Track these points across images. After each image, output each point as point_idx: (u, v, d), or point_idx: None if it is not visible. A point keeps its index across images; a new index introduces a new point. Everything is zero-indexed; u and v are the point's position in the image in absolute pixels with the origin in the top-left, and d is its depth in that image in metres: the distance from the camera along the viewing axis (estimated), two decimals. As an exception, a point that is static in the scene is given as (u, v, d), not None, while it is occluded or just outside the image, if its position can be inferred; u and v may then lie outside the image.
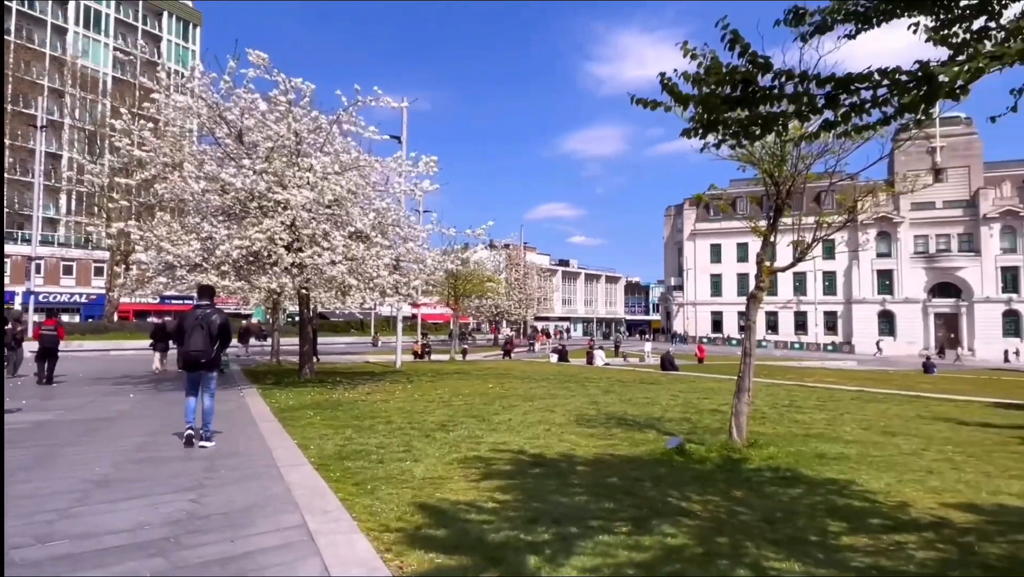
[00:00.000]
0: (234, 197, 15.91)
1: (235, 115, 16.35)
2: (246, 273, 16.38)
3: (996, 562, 5.02)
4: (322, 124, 16.73)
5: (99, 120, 56.04)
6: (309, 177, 15.46)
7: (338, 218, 16.20)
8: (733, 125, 4.06)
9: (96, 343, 38.18)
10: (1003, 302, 65.51)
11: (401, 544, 4.90)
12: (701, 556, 4.86)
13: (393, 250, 17.43)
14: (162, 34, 76.49)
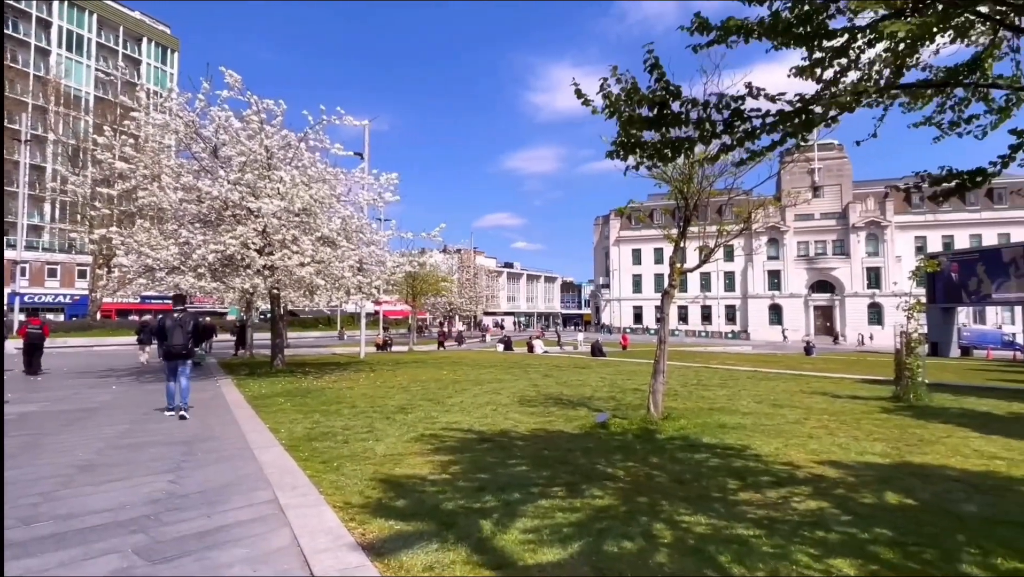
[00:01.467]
0: (209, 206, 15.34)
1: (210, 132, 15.76)
2: (221, 275, 15.79)
3: (862, 509, 5.28)
4: (291, 141, 16.28)
5: (81, 135, 53.30)
6: (279, 188, 15.04)
7: (306, 225, 15.79)
8: (649, 148, 4.15)
9: (80, 340, 36.09)
10: (868, 296, 68.86)
11: (364, 514, 4.82)
12: (625, 514, 4.95)
13: (357, 253, 17.06)
14: (141, 58, 72.63)
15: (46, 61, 62.34)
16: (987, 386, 17.45)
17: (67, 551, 4.12)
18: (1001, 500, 5.66)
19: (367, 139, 24.41)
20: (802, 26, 3.69)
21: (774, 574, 3.81)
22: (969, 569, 3.98)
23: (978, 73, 4.03)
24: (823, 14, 3.70)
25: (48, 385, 14.26)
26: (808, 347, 39.47)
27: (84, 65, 66.03)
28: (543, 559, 3.97)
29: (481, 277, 74.64)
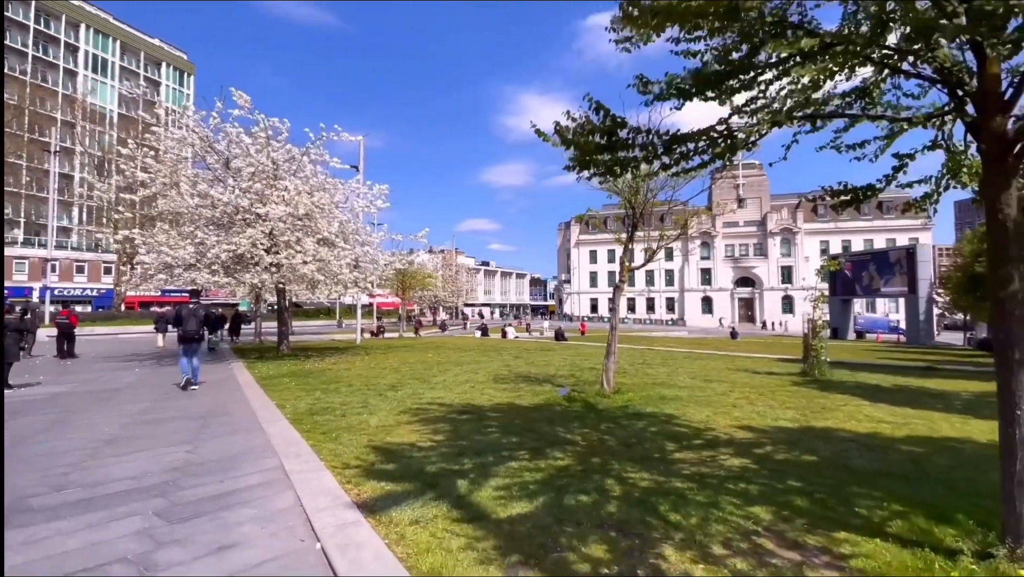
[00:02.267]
0: (222, 211, 14.88)
1: (223, 146, 15.29)
2: (233, 271, 15.34)
3: (776, 465, 5.44)
4: (295, 155, 15.90)
5: (106, 147, 51.24)
6: (285, 196, 14.70)
7: (308, 228, 15.42)
8: (601, 165, 4.19)
9: (106, 328, 34.71)
10: (782, 290, 70.55)
11: (359, 477, 4.77)
12: (581, 472, 5.00)
13: (353, 253, 16.76)
14: (161, 80, 69.79)
15: (74, 81, 59.49)
16: (876, 364, 18.09)
17: (94, 514, 3.99)
18: (886, 456, 5.90)
19: (362, 153, 24.03)
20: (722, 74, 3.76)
21: (705, 519, 3.91)
22: (860, 511, 4.15)
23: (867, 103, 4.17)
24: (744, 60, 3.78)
25: (76, 368, 13.72)
26: (733, 332, 40.29)
27: (108, 85, 63.23)
28: (513, 512, 3.99)
29: (462, 274, 74.37)
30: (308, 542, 3.55)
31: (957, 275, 31.17)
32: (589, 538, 3.56)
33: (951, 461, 5.71)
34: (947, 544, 3.45)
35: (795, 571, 3.18)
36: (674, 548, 3.44)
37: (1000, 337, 3.35)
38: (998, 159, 3.33)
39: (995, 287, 3.38)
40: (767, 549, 3.46)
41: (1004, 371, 3.28)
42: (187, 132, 15.66)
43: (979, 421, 7.79)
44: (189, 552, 3.41)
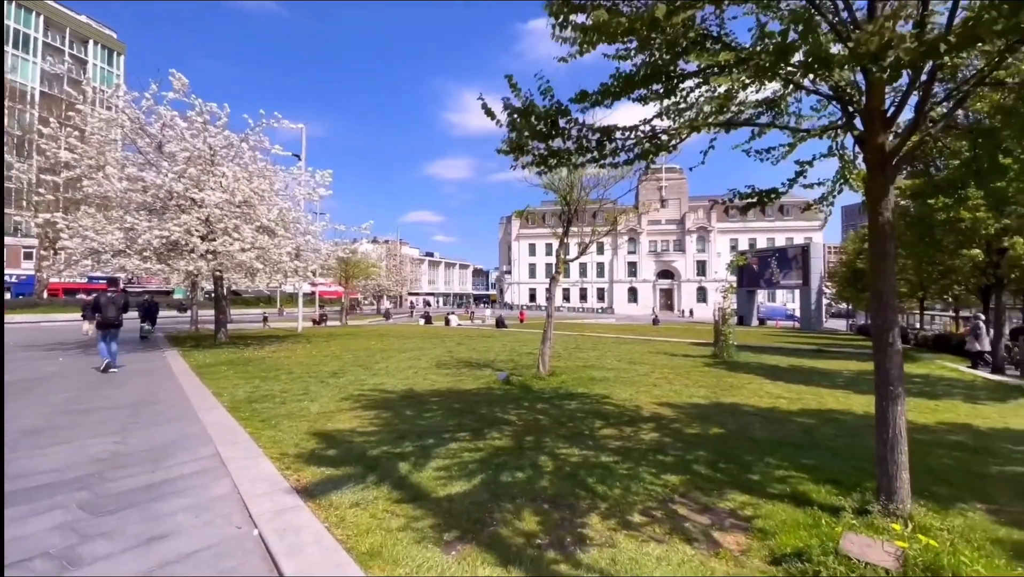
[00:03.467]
0: (154, 195, 13.54)
1: (155, 129, 13.91)
2: (166, 258, 14.07)
3: (689, 438, 5.69)
4: (233, 141, 14.74)
5: (27, 127, 45.62)
6: (222, 182, 13.63)
7: (247, 215, 14.35)
8: (536, 155, 4.16)
9: (27, 316, 31.17)
10: (697, 281, 74.40)
11: (298, 463, 4.53)
12: (516, 450, 5.02)
13: (294, 241, 15.83)
14: (88, 58, 62.87)
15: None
16: (776, 347, 19.46)
17: (15, 508, 3.56)
18: (782, 427, 6.33)
19: (304, 141, 22.55)
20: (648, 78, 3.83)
21: (627, 489, 4.02)
22: (761, 476, 4.42)
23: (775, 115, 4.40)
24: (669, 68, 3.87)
25: (-8, 359, 12.19)
26: (655, 319, 42.04)
27: (30, 62, 56.19)
28: (452, 491, 3.93)
29: (406, 264, 72.61)
30: (245, 529, 3.34)
31: (842, 270, 34.14)
32: (523, 512, 3.57)
33: (835, 430, 6.21)
34: (832, 503, 3.74)
35: (705, 533, 3.34)
36: (600, 517, 3.52)
37: (877, 323, 3.65)
38: (879, 169, 3.60)
39: (873, 280, 3.67)
40: (682, 514, 3.61)
41: (880, 353, 3.58)
42: (116, 113, 14.16)
43: (858, 396, 8.55)
44: (116, 544, 3.12)
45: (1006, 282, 13.70)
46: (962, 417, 7.12)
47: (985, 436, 6.12)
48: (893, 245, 3.63)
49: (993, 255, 12.98)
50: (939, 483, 4.33)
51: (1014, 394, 9.31)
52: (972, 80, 3.63)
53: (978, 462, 5.03)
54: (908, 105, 3.60)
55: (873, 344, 3.66)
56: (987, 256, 13.02)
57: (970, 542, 3.11)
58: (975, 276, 14.67)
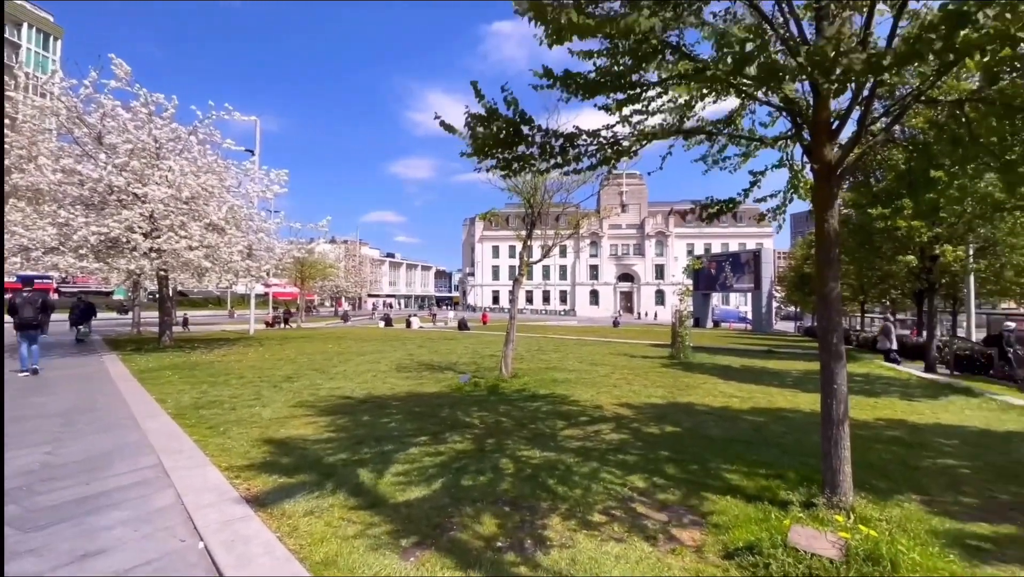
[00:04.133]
0: (92, 189, 12.65)
1: (95, 119, 13.03)
2: (105, 256, 13.18)
3: (648, 437, 5.80)
4: (181, 134, 13.95)
5: (-52, 112, 41.91)
6: (168, 176, 12.90)
7: (195, 212, 13.62)
8: (500, 160, 4.15)
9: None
10: (656, 285, 76.35)
11: (249, 471, 4.33)
12: (478, 452, 4.97)
13: (245, 240, 15.11)
14: (21, 42, 58.70)
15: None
16: (729, 348, 20.16)
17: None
18: (735, 425, 6.55)
19: (258, 135, 21.52)
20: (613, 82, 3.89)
21: (587, 489, 4.05)
22: (716, 473, 4.55)
23: (732, 128, 4.56)
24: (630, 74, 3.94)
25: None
26: (615, 321, 42.83)
27: (-49, 42, 51.89)
28: (411, 496, 3.85)
29: (366, 265, 70.86)
30: (190, 541, 3.15)
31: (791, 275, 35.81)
32: (483, 515, 3.53)
33: (784, 428, 6.48)
34: (781, 497, 3.88)
35: (663, 530, 3.40)
36: (560, 518, 3.52)
37: (823, 325, 3.82)
38: (825, 179, 3.78)
39: (819, 284, 3.85)
40: (640, 513, 3.67)
41: (825, 353, 3.75)
42: (51, 100, 13.21)
43: (805, 394, 8.95)
44: (47, 562, 2.88)
45: (937, 287, 14.70)
46: (899, 413, 7.56)
47: (919, 431, 6.52)
48: (837, 251, 3.81)
49: (926, 261, 13.89)
50: (878, 476, 4.58)
51: (944, 391, 9.98)
52: (908, 97, 3.86)
53: (913, 456, 5.34)
54: (851, 119, 3.80)
55: (819, 345, 3.83)
56: (921, 262, 13.92)
57: (906, 531, 3.29)
58: (910, 281, 15.65)
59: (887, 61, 2.64)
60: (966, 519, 3.73)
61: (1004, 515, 3.83)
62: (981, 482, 4.56)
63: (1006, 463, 5.17)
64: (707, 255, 52.41)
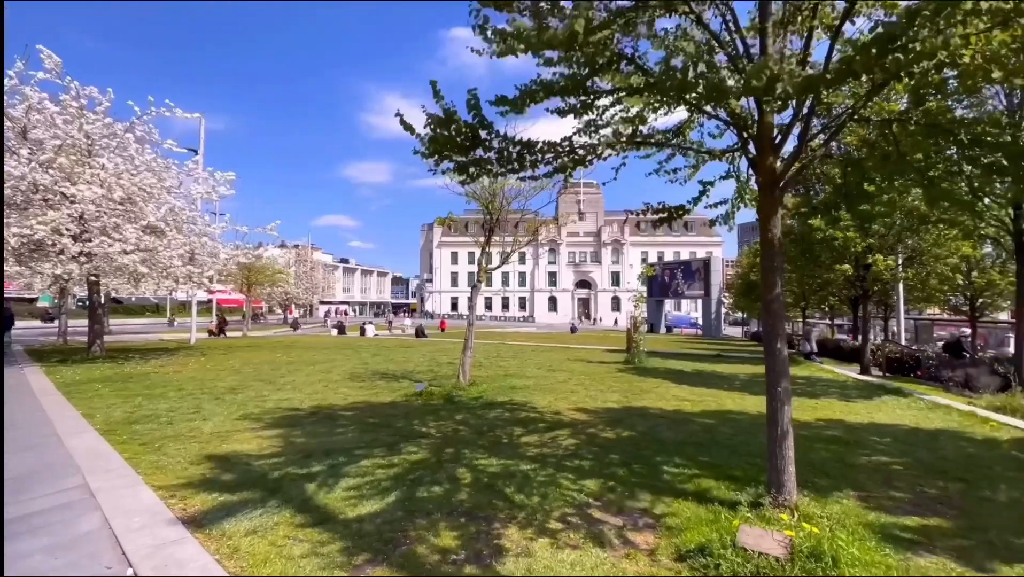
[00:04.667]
0: (15, 187, 11.68)
1: (20, 112, 12.03)
2: (27, 260, 12.16)
3: (603, 441, 5.87)
4: (116, 130, 13.07)
5: None
6: (101, 175, 12.05)
7: (131, 213, 12.77)
8: (456, 165, 4.12)
9: None
10: (612, 291, 78.01)
11: (186, 490, 4.06)
12: (434, 463, 4.87)
13: (187, 243, 14.28)
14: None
15: None
16: (681, 352, 20.80)
17: None
18: (686, 428, 6.73)
19: (202, 134, 20.29)
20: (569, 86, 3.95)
21: (545, 496, 4.04)
22: (668, 476, 4.64)
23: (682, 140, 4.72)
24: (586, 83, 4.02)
25: None
26: (573, 327, 43.40)
27: None
28: (363, 511, 3.72)
29: (318, 270, 68.26)
30: (117, 569, 2.91)
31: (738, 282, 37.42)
32: (439, 527, 3.45)
33: (733, 429, 6.71)
34: (730, 498, 4.00)
35: (619, 534, 3.42)
36: (518, 527, 3.49)
37: (767, 331, 3.98)
38: (769, 190, 3.96)
39: (763, 291, 4.01)
40: (596, 518, 3.68)
41: (769, 357, 3.91)
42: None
43: (752, 397, 9.32)
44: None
45: (870, 293, 15.74)
46: (837, 414, 8.00)
47: (856, 430, 6.91)
48: (781, 260, 4.00)
49: (860, 270, 14.84)
50: (819, 474, 4.80)
51: (878, 392, 10.65)
52: (843, 116, 4.11)
53: (850, 454, 5.65)
54: (793, 135, 4.00)
55: (764, 350, 3.99)
56: (855, 271, 14.86)
57: (845, 527, 3.46)
58: (846, 288, 16.68)
59: (824, 80, 2.79)
60: (899, 513, 3.96)
61: (933, 509, 4.10)
62: (912, 477, 4.87)
63: (933, 459, 5.55)
64: (660, 263, 54.14)
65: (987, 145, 3.87)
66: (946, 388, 11.56)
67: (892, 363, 14.95)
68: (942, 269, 15.38)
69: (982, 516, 3.95)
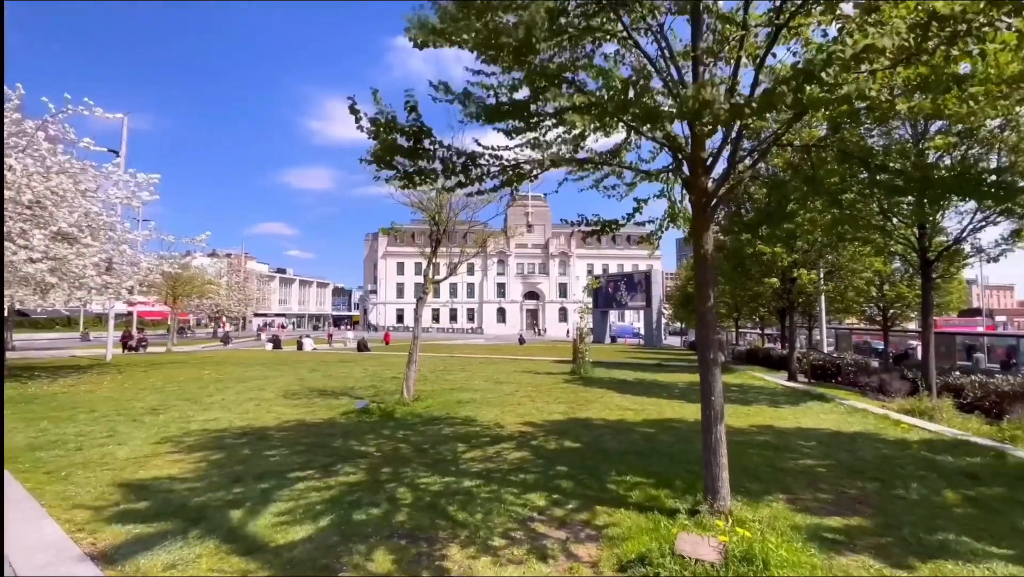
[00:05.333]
0: None
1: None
2: (-88, 269, 10.79)
3: (549, 454, 5.90)
4: (26, 128, 11.94)
5: None
6: (7, 176, 10.93)
7: (40, 218, 11.64)
8: (401, 172, 4.07)
9: None
10: (559, 303, 79.34)
11: (96, 522, 3.71)
12: (373, 484, 4.70)
13: (104, 252, 13.11)
14: None
15: None
16: (624, 362, 21.37)
17: None
18: (628, 438, 6.89)
19: (124, 134, 18.73)
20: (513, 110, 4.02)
21: (488, 513, 3.99)
22: (611, 486, 4.72)
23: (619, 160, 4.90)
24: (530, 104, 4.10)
25: None
26: (521, 338, 43.67)
27: None
28: (294, 537, 3.52)
29: (252, 281, 64.50)
30: (4, 620, 2.59)
31: (677, 294, 39.14)
32: (377, 551, 3.32)
33: (673, 437, 6.94)
34: (670, 506, 4.11)
35: (562, 548, 3.43)
36: (460, 546, 3.42)
37: (701, 342, 4.17)
38: (701, 209, 4.17)
39: (697, 303, 4.21)
40: (540, 532, 3.68)
41: (703, 367, 4.09)
42: None
43: (691, 404, 9.68)
44: None
45: (796, 305, 16.90)
46: (767, 420, 8.46)
47: (784, 435, 7.33)
48: (713, 274, 4.20)
49: (787, 283, 15.91)
50: (752, 479, 5.05)
51: (804, 398, 11.37)
52: (768, 140, 4.41)
53: (779, 458, 5.98)
54: (723, 157, 4.24)
55: (698, 360, 4.17)
56: (782, 284, 15.92)
57: (775, 529, 3.64)
58: (774, 300, 17.82)
59: (747, 111, 2.99)
60: (823, 514, 4.22)
61: (853, 508, 4.39)
62: (834, 479, 5.21)
63: (853, 461, 5.97)
64: (605, 275, 55.69)
65: (892, 171, 4.28)
66: (863, 392, 12.53)
67: (816, 370, 16.06)
68: (858, 283, 16.78)
69: (896, 514, 4.27)
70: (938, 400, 9.39)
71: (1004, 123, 8.69)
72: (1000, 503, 4.55)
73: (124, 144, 19.00)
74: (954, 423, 8.32)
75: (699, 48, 3.96)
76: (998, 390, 9.50)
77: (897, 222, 10.08)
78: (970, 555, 3.46)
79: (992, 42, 2.82)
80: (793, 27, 3.75)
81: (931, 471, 5.54)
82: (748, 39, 3.96)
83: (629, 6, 3.91)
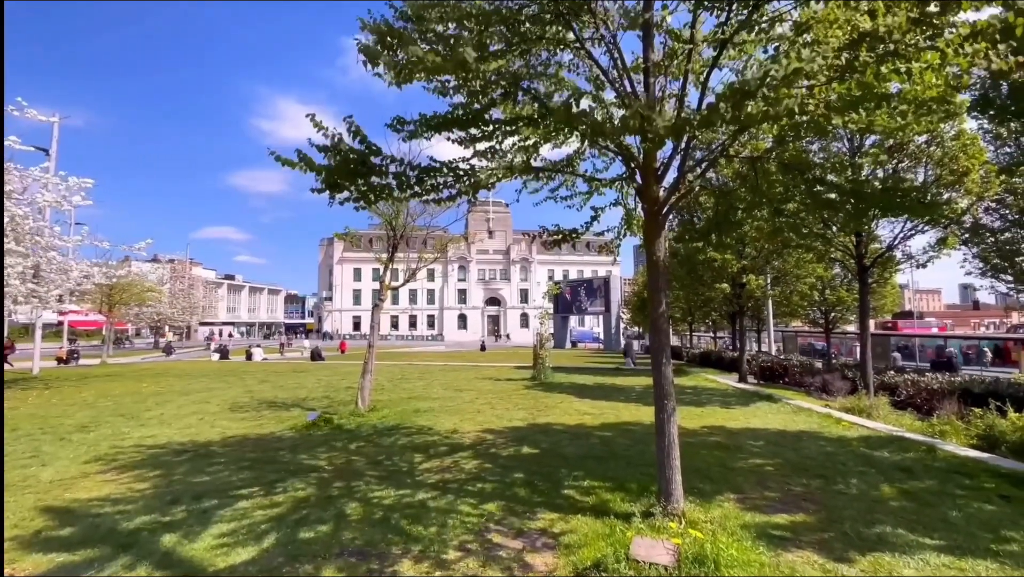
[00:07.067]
0: None
1: None
2: None
3: (507, 461, 5.86)
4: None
5: None
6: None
7: (-46, 223, 10.69)
8: (355, 191, 3.98)
9: None
10: (520, 308, 79.67)
11: (15, 552, 3.41)
12: (324, 500, 4.53)
13: (29, 258, 12.20)
14: None
15: None
16: (584, 367, 21.65)
17: None
18: (587, 442, 6.94)
19: (55, 133, 17.52)
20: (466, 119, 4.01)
21: (443, 526, 3.91)
22: (568, 492, 4.72)
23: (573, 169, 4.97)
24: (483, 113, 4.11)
25: None
26: (483, 344, 43.47)
27: None
28: (237, 559, 3.33)
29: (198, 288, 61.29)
30: None
31: (634, 299, 40.03)
32: (325, 570, 3.19)
33: (629, 440, 7.04)
34: (626, 510, 4.16)
35: (518, 558, 3.39)
36: (412, 561, 3.33)
37: (653, 346, 4.25)
38: (654, 216, 4.26)
39: (650, 309, 4.29)
40: (496, 543, 3.63)
41: (656, 370, 4.17)
42: None
43: (647, 407, 9.87)
44: None
45: (745, 309, 17.61)
46: (719, 421, 8.73)
47: (734, 435, 7.58)
48: (666, 279, 4.30)
49: (736, 288, 16.56)
50: (704, 480, 5.17)
51: (753, 399, 11.82)
52: (716, 151, 4.57)
53: (730, 458, 6.17)
54: (674, 166, 4.36)
55: (651, 364, 4.25)
56: (732, 289, 16.56)
57: (726, 529, 3.73)
58: (726, 304, 18.51)
59: (691, 124, 3.09)
60: (771, 512, 4.36)
61: (799, 505, 4.57)
62: (781, 477, 5.42)
63: (798, 459, 6.23)
64: (565, 281, 56.27)
65: (827, 183, 4.51)
66: (808, 392, 13.15)
67: (765, 371, 16.76)
68: (802, 287, 17.66)
69: (838, 509, 4.47)
70: (875, 398, 9.97)
71: (930, 138, 9.41)
72: (932, 496, 4.84)
73: (54, 143, 17.64)
74: (889, 420, 8.84)
75: (650, 61, 4.06)
76: (928, 388, 10.17)
77: (836, 230, 10.67)
78: (905, 547, 3.66)
79: (917, 62, 3.02)
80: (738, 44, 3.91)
81: (869, 466, 5.85)
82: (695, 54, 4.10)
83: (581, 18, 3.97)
